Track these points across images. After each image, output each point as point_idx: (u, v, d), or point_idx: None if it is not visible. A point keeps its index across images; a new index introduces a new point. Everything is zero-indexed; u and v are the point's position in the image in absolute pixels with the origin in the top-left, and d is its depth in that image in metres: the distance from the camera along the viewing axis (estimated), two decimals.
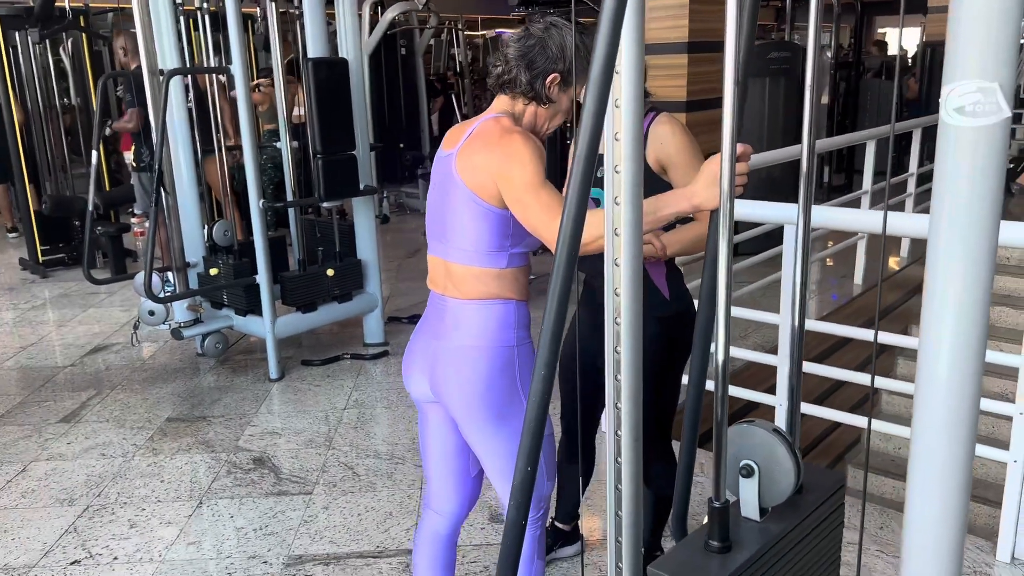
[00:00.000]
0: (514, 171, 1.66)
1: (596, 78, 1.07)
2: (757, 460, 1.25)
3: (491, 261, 1.77)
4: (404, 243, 7.36)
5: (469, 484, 2.01)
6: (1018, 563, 2.51)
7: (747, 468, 1.25)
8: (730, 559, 1.17)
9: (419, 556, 2.06)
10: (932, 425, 1.01)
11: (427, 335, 1.89)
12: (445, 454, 1.97)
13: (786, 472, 1.25)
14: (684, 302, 2.16)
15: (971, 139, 0.94)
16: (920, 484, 1.04)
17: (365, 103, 4.39)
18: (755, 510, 1.25)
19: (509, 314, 1.80)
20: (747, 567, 1.16)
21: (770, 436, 1.25)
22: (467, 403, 1.82)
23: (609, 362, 1.38)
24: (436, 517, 2.02)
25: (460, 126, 1.85)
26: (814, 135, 1.31)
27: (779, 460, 1.25)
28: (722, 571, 1.14)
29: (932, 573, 1.04)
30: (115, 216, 6.83)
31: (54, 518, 2.92)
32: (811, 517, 1.30)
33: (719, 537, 1.17)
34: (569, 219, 1.14)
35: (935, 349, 0.99)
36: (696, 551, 1.19)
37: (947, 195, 0.96)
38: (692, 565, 1.16)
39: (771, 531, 1.23)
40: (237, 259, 4.22)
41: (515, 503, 1.27)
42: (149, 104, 3.95)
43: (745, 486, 1.26)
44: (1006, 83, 0.92)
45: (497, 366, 1.80)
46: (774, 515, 1.26)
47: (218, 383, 4.15)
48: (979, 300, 0.96)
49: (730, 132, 1.14)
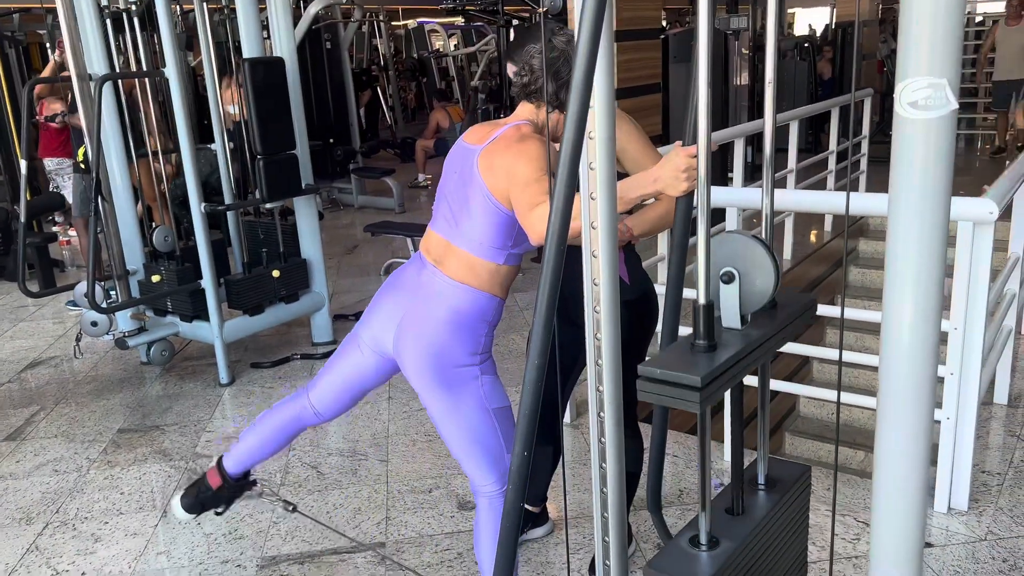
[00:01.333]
0: (521, 167, 1.79)
1: (578, 86, 1.14)
2: (737, 266, 1.28)
3: (491, 256, 1.92)
4: (341, 239, 7.32)
5: (350, 407, 2.27)
6: (953, 512, 2.71)
7: (728, 274, 1.27)
8: (715, 356, 1.21)
9: (273, 418, 2.28)
10: (896, 387, 1.11)
11: (405, 294, 2.02)
12: (353, 384, 2.19)
13: (766, 273, 1.28)
14: (644, 284, 2.27)
15: (923, 130, 1.04)
16: (887, 446, 1.14)
17: (301, 101, 4.36)
18: (736, 317, 1.28)
19: (489, 308, 1.96)
20: (731, 363, 1.21)
21: (749, 240, 1.29)
22: (423, 365, 1.97)
23: (590, 348, 1.46)
24: (310, 411, 2.25)
25: (485, 125, 1.98)
26: (775, 120, 1.40)
27: (758, 262, 1.29)
28: (710, 364, 1.18)
29: (901, 522, 1.15)
30: (38, 226, 6.61)
31: (12, 538, 2.86)
32: (786, 330, 1.35)
33: (705, 336, 1.21)
34: (556, 215, 1.21)
35: (897, 319, 1.09)
36: (683, 352, 1.23)
37: (903, 180, 1.07)
38: (682, 361, 1.20)
39: (752, 336, 1.28)
40: (179, 265, 4.16)
41: (513, 487, 1.35)
42: (80, 110, 3.84)
43: (726, 292, 1.28)
44: (952, 79, 1.02)
45: (460, 343, 1.95)
46: (752, 324, 1.31)
47: (167, 391, 4.09)
48: (935, 270, 1.07)
49: (705, 126, 1.22)
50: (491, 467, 2.02)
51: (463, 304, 1.94)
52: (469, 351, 1.96)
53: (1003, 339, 3.26)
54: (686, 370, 1.17)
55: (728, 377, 1.22)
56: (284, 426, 2.29)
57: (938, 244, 1.08)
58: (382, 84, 14.13)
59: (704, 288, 1.23)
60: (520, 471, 1.34)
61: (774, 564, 1.47)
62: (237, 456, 2.34)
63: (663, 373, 1.18)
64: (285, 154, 4.06)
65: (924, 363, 1.10)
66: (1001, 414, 3.41)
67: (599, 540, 1.55)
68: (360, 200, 8.78)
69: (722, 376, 1.20)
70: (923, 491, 1.16)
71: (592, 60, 1.15)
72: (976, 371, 2.65)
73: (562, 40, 1.90)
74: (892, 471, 1.15)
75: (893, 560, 1.17)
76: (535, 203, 1.73)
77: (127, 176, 4.24)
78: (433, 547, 2.68)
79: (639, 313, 2.23)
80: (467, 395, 1.98)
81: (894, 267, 1.09)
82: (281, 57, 4.05)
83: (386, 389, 3.96)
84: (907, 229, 1.07)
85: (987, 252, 2.56)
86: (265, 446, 2.32)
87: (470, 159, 1.92)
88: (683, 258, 1.56)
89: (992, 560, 2.47)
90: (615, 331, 1.43)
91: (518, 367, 4.09)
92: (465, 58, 15.07)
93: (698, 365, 1.18)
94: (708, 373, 1.16)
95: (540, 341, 1.27)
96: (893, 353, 1.11)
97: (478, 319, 1.95)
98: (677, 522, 2.73)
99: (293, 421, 2.28)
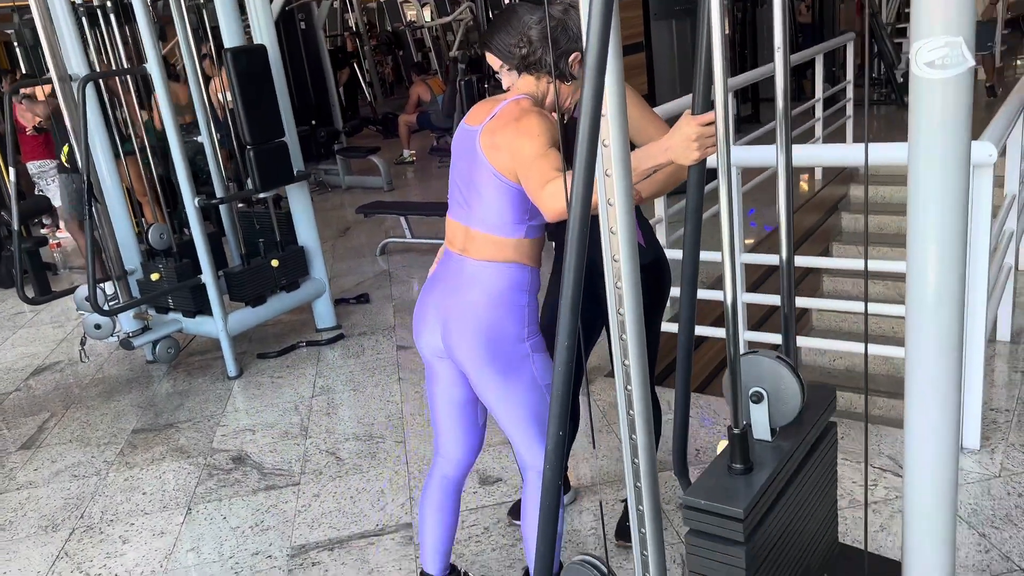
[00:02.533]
0: (524, 144, 1.78)
1: (591, 68, 1.15)
2: (765, 387, 1.38)
3: (510, 232, 1.91)
4: (332, 222, 7.29)
5: (477, 434, 2.18)
6: (966, 451, 2.76)
7: (757, 395, 1.38)
8: (753, 478, 1.30)
9: (428, 500, 2.21)
10: (923, 332, 1.14)
11: (441, 292, 2.00)
12: (453, 407, 2.11)
13: (792, 394, 1.39)
14: (657, 248, 2.28)
15: (941, 89, 1.05)
16: (918, 390, 1.17)
17: (286, 87, 4.32)
18: (766, 431, 1.39)
19: (523, 278, 1.94)
20: (769, 483, 1.30)
21: (776, 364, 1.38)
22: (477, 354, 1.95)
23: (614, 323, 1.47)
24: (446, 463, 2.18)
25: (485, 103, 1.95)
26: (788, 73, 1.40)
27: (785, 384, 1.39)
28: (748, 490, 1.27)
29: (935, 465, 1.19)
30: (27, 231, 6.55)
31: (40, 546, 2.89)
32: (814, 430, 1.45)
33: (741, 460, 1.31)
34: (577, 203, 1.21)
35: (922, 268, 1.11)
36: (722, 475, 1.32)
37: (923, 137, 1.08)
38: (722, 487, 1.29)
39: (783, 448, 1.37)
40: (177, 261, 4.14)
41: (550, 466, 1.37)
42: (64, 112, 3.80)
43: (756, 411, 1.39)
44: (968, 36, 1.03)
45: (508, 321, 1.94)
46: (782, 434, 1.41)
47: (176, 388, 4.10)
48: (957, 219, 1.08)
49: (722, 93, 1.23)
50: (543, 443, 2.04)
51: (497, 281, 1.92)
52: (516, 324, 1.94)
53: (1004, 277, 3.30)
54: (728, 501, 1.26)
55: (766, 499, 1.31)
56: (443, 500, 2.21)
57: (960, 196, 1.09)
58: (359, 60, 13.97)
59: (736, 414, 1.31)
60: (556, 450, 1.36)
61: (808, 520, 1.50)
62: (429, 556, 2.24)
63: (708, 505, 1.27)
64: (275, 142, 4.03)
65: (950, 316, 1.12)
66: (1005, 351, 3.46)
67: (633, 509, 1.57)
68: (347, 180, 8.73)
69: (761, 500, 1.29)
70: (954, 436, 1.19)
71: (605, 42, 1.15)
72: (981, 312, 2.68)
73: (558, 9, 1.87)
74: (923, 416, 1.18)
75: (929, 502, 1.20)
76: (545, 180, 1.73)
77: (116, 175, 4.20)
78: (459, 524, 2.71)
79: (654, 277, 2.25)
80: (521, 375, 1.97)
81: (917, 217, 1.10)
82: (263, 44, 4.01)
83: (396, 370, 3.98)
84: (928, 184, 1.08)
85: (987, 194, 2.58)
86: (444, 529, 2.22)
87: (472, 140, 1.90)
88: (698, 225, 1.57)
89: (1008, 495, 2.52)
90: (637, 306, 1.44)
91: None
92: (440, 28, 14.89)
93: (739, 495, 1.27)
94: (749, 503, 1.25)
95: (568, 323, 1.28)
96: (919, 309, 1.13)
97: (516, 290, 1.93)
98: None
99: (443, 488, 2.20)
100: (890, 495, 2.58)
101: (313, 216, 4.50)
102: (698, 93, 1.53)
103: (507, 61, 1.96)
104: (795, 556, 1.45)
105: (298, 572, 2.58)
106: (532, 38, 1.87)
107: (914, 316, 1.14)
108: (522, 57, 1.90)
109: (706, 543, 1.30)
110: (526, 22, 1.89)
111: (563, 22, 1.87)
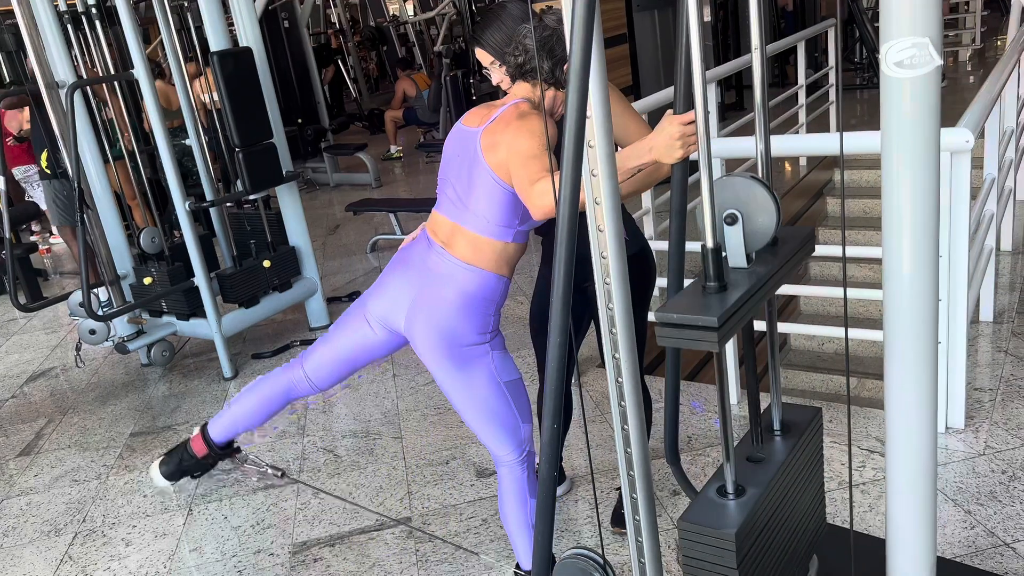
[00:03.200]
0: (523, 142, 1.83)
1: (576, 72, 1.19)
2: (740, 207, 1.34)
3: (499, 235, 1.97)
4: (322, 220, 7.31)
5: (345, 379, 2.30)
6: (951, 431, 2.82)
7: (731, 216, 1.33)
8: (727, 296, 1.27)
9: (264, 386, 2.32)
10: (900, 316, 1.18)
11: (417, 275, 2.05)
12: (353, 358, 2.21)
13: (768, 212, 1.34)
14: (641, 240, 2.33)
15: (910, 87, 1.09)
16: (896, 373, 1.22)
17: (273, 88, 4.33)
18: (742, 257, 1.35)
19: (497, 288, 2.02)
20: (742, 302, 1.28)
21: (749, 181, 1.36)
22: (436, 347, 2.02)
23: (603, 318, 1.52)
24: (304, 381, 2.28)
25: (483, 107, 2.01)
26: (765, 72, 1.44)
27: (760, 202, 1.34)
28: (723, 304, 1.24)
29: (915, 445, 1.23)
30: (16, 237, 6.55)
31: (44, 551, 2.92)
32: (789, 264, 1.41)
33: (715, 277, 1.28)
34: (565, 203, 1.26)
35: (896, 254, 1.16)
36: (696, 295, 1.29)
37: (895, 133, 1.13)
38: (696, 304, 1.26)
39: (758, 272, 1.35)
40: (169, 264, 4.16)
41: (545, 458, 1.41)
42: (52, 119, 3.81)
43: (731, 233, 1.34)
44: (935, 36, 1.07)
45: (468, 324, 2.01)
46: (757, 261, 1.37)
47: (172, 391, 4.13)
48: (929, 210, 1.13)
49: (701, 94, 1.27)
50: (508, 437, 2.10)
51: (472, 286, 1.99)
52: (478, 331, 2.02)
53: (985, 259, 3.36)
54: (702, 312, 1.23)
55: (741, 315, 1.28)
56: (274, 396, 2.32)
57: (931, 187, 1.13)
58: (343, 57, 13.94)
59: (711, 231, 1.28)
60: (551, 444, 1.41)
61: (796, 503, 1.55)
62: (223, 424, 2.37)
63: (680, 317, 1.23)
64: (263, 144, 4.05)
65: (925, 304, 1.17)
66: (988, 331, 3.52)
67: (627, 496, 1.62)
68: (335, 178, 8.75)
69: (735, 315, 1.26)
70: (933, 415, 1.24)
71: (588, 47, 1.19)
72: (963, 294, 2.74)
73: (552, 19, 1.92)
74: (902, 398, 1.23)
75: (910, 479, 1.25)
76: (535, 179, 1.78)
77: (105, 180, 4.21)
78: (458, 516, 2.76)
79: (639, 270, 2.30)
80: (479, 372, 2.04)
81: (891, 207, 1.15)
82: (249, 47, 4.02)
83: (390, 367, 4.02)
84: (899, 176, 1.13)
85: (965, 179, 2.63)
86: (253, 415, 2.34)
87: (472, 141, 1.95)
88: (683, 224, 1.62)
89: (992, 473, 2.58)
90: (626, 301, 1.49)
91: (516, 332, 4.16)
92: (424, 23, 14.87)
93: (712, 307, 1.24)
94: (723, 313, 1.21)
95: (559, 321, 1.32)
96: (895, 294, 1.18)
97: (487, 300, 2.01)
98: (689, 468, 2.83)
99: (284, 392, 2.31)
100: (878, 475, 2.64)
101: (303, 216, 4.53)
102: (679, 92, 1.57)
103: (497, 58, 2.01)
104: (784, 538, 1.50)
105: (300, 569, 2.63)
106: (527, 46, 1.92)
107: (891, 300, 1.19)
108: (518, 65, 1.95)
109: (697, 527, 1.35)
110: (521, 30, 1.93)
111: (558, 31, 1.91)
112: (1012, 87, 4.06)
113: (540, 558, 1.46)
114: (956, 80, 9.14)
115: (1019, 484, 2.51)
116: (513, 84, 2.00)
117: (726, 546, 1.32)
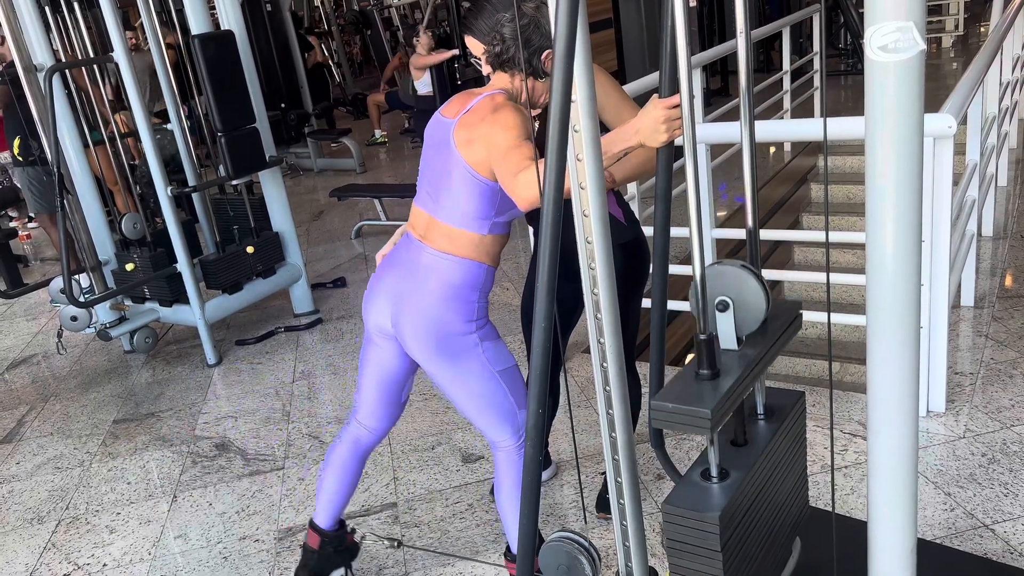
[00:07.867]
0: (499, 136, 1.80)
1: (560, 56, 1.18)
2: (730, 294, 1.38)
3: (474, 227, 1.94)
4: (306, 206, 7.27)
5: (397, 411, 2.26)
6: (932, 415, 2.85)
7: (722, 303, 1.37)
8: (719, 384, 1.31)
9: (335, 457, 2.28)
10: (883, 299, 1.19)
11: (396, 276, 2.04)
12: (383, 381, 2.18)
13: (757, 302, 1.39)
14: (637, 227, 2.32)
15: (894, 72, 1.09)
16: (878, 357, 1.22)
17: (255, 72, 4.29)
18: (732, 341, 1.39)
19: (479, 276, 1.99)
20: (734, 389, 1.31)
21: (741, 272, 1.39)
22: (425, 343, 2.01)
23: (589, 303, 1.52)
24: (362, 429, 2.26)
25: (462, 95, 1.97)
26: (751, 58, 1.45)
27: (750, 292, 1.38)
28: (715, 393, 1.29)
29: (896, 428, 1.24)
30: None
31: (27, 538, 2.90)
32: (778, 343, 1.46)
33: (708, 365, 1.32)
34: (551, 187, 1.25)
35: (880, 239, 1.16)
36: (689, 381, 1.33)
37: (878, 117, 1.13)
38: (689, 392, 1.31)
39: (748, 356, 1.38)
40: (151, 250, 4.13)
41: (531, 443, 1.41)
42: (31, 103, 3.75)
43: (722, 320, 1.38)
44: (919, 20, 1.07)
45: (454, 315, 1.99)
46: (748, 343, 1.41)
47: (155, 377, 4.11)
48: (912, 194, 1.13)
49: (686, 78, 1.27)
50: (505, 424, 2.09)
51: (452, 275, 1.96)
52: (464, 319, 1.99)
53: (966, 244, 3.38)
54: (696, 403, 1.28)
55: (732, 401, 1.32)
56: (348, 461, 2.27)
57: (915, 172, 1.13)
58: (327, 42, 13.83)
59: (703, 320, 1.32)
60: (536, 428, 1.41)
61: (779, 486, 1.56)
62: (322, 509, 2.32)
63: (675, 407, 1.29)
64: (246, 128, 4.02)
65: (907, 288, 1.18)
66: (969, 316, 3.56)
67: (612, 480, 1.63)
68: (319, 164, 8.69)
69: (728, 402, 1.30)
70: (915, 399, 1.25)
71: (572, 32, 1.18)
72: (945, 279, 2.76)
73: (530, 6, 1.90)
74: (884, 382, 1.23)
75: (891, 464, 1.26)
76: (518, 169, 1.76)
77: (86, 165, 4.17)
78: (443, 501, 2.77)
79: (635, 255, 2.29)
80: (471, 363, 2.02)
81: (874, 191, 1.15)
82: (231, 30, 3.98)
83: None
84: (884, 161, 1.13)
85: (948, 165, 2.64)
86: (341, 488, 2.29)
87: (446, 131, 1.93)
88: (668, 207, 1.62)
89: (972, 456, 2.62)
90: (611, 286, 1.49)
91: (501, 318, 4.16)
92: (408, 7, 14.76)
93: (705, 396, 1.28)
94: (716, 404, 1.26)
95: (544, 305, 1.32)
96: (878, 279, 1.18)
97: (469, 288, 1.98)
98: (673, 452, 2.84)
99: (353, 452, 2.27)
100: (860, 459, 2.66)
101: (287, 201, 4.50)
102: (665, 75, 1.57)
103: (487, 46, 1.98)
104: (767, 521, 1.52)
105: (286, 555, 2.63)
106: (505, 36, 1.90)
107: (874, 285, 1.20)
108: (496, 55, 1.92)
109: (681, 511, 1.36)
110: (499, 19, 1.91)
111: (535, 20, 1.89)
112: (994, 74, 4.08)
113: (525, 542, 1.47)
114: (939, 67, 9.18)
115: (998, 467, 2.55)
116: (494, 73, 1.97)
117: (710, 529, 1.33)
